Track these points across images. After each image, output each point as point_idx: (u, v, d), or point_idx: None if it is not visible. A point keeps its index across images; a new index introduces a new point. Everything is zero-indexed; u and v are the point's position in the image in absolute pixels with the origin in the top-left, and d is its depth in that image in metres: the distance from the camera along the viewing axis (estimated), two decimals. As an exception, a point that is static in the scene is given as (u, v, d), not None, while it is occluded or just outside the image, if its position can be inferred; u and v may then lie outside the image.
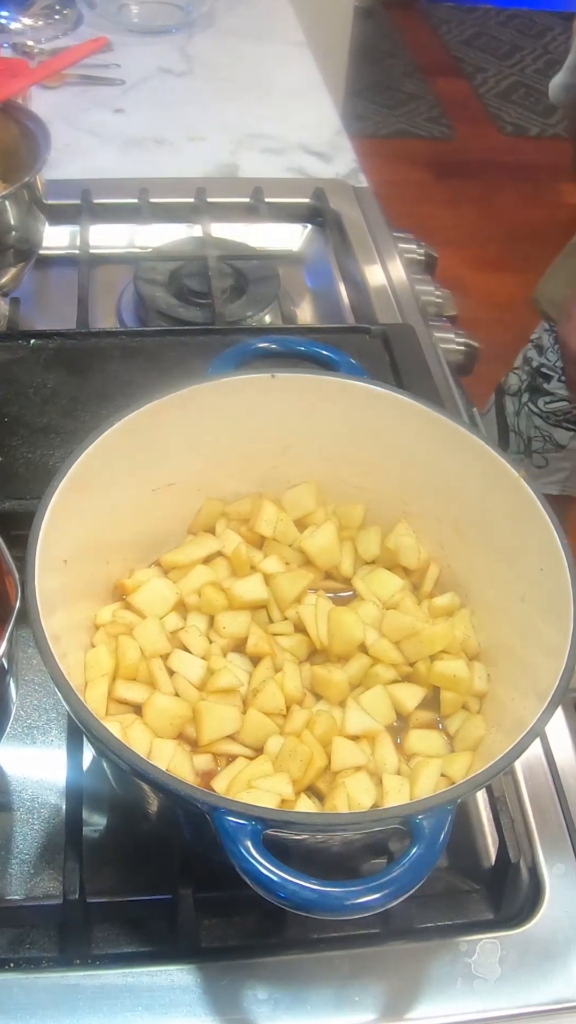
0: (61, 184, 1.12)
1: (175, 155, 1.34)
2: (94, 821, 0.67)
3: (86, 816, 0.65)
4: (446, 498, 0.71)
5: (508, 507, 0.66)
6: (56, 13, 1.52)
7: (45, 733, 0.72)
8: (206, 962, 0.61)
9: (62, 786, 0.66)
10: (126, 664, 0.64)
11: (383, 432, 0.71)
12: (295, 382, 0.71)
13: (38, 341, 0.94)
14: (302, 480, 0.74)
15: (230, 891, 0.62)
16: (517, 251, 2.84)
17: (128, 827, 0.68)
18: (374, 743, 0.64)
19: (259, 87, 1.48)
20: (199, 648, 0.66)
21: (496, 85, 3.92)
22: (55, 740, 0.71)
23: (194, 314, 1.05)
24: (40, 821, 0.67)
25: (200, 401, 0.69)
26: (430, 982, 0.61)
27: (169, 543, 0.73)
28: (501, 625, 0.67)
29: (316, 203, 1.21)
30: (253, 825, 0.49)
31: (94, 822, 0.67)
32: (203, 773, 0.62)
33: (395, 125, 3.70)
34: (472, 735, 0.65)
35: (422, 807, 0.51)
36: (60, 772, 0.67)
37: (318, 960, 0.61)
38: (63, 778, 0.66)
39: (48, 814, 0.68)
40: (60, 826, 0.64)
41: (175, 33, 1.57)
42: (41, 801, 0.68)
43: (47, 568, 0.58)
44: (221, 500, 0.74)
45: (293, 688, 0.64)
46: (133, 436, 0.66)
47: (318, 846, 0.55)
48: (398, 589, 0.70)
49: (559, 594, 0.60)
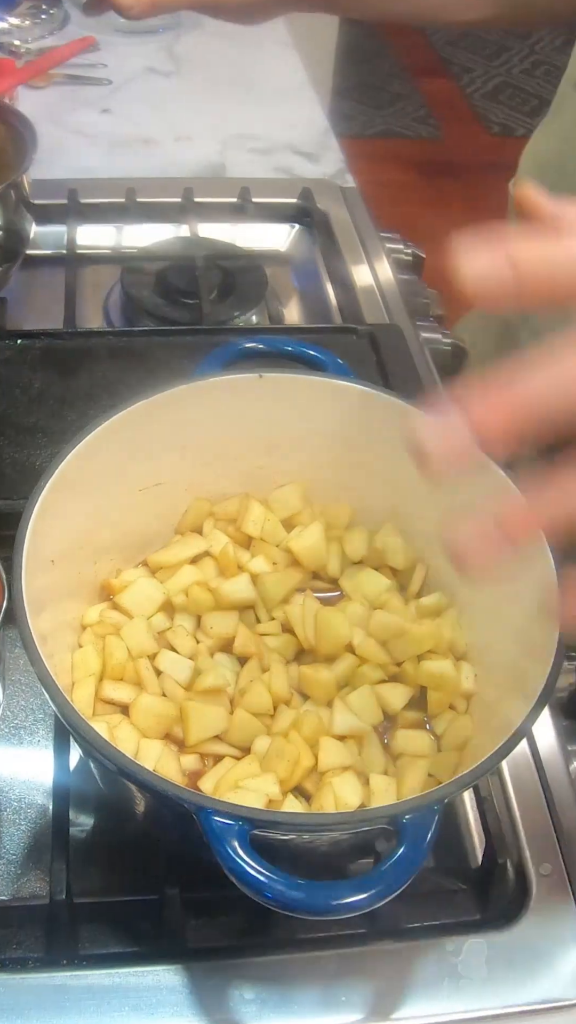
0: (48, 184, 1.12)
1: (162, 155, 1.33)
2: (81, 821, 0.67)
3: (73, 816, 0.65)
4: (433, 498, 0.71)
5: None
6: (43, 13, 1.52)
7: (32, 733, 0.72)
8: (193, 962, 0.61)
9: (49, 786, 0.66)
10: (113, 664, 0.64)
11: (370, 432, 0.71)
12: (282, 382, 0.71)
13: (25, 341, 0.94)
14: (289, 480, 0.74)
15: (217, 891, 0.61)
16: (504, 251, 2.85)
17: (115, 828, 0.68)
18: (361, 743, 0.64)
19: (246, 87, 1.48)
20: (186, 648, 0.66)
21: (483, 85, 3.93)
22: (42, 740, 0.71)
23: (181, 314, 1.05)
24: (27, 821, 0.67)
25: (187, 401, 0.69)
26: (416, 982, 0.61)
27: (156, 543, 0.73)
28: (488, 625, 0.67)
29: (303, 203, 1.21)
30: (240, 825, 0.49)
31: (81, 822, 0.67)
32: (190, 773, 0.62)
33: (382, 125, 3.71)
34: (459, 735, 0.65)
35: (408, 807, 0.51)
36: (47, 772, 0.67)
37: (305, 960, 0.61)
38: (50, 778, 0.66)
39: (35, 814, 0.67)
40: (47, 826, 0.64)
41: (162, 33, 1.56)
42: (28, 801, 0.68)
43: (34, 568, 0.58)
44: (208, 500, 0.74)
45: (280, 688, 0.64)
46: (120, 436, 0.66)
47: (305, 846, 0.55)
48: (385, 589, 0.70)
49: (546, 594, 0.60)
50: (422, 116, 3.76)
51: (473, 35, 4.26)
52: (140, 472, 0.70)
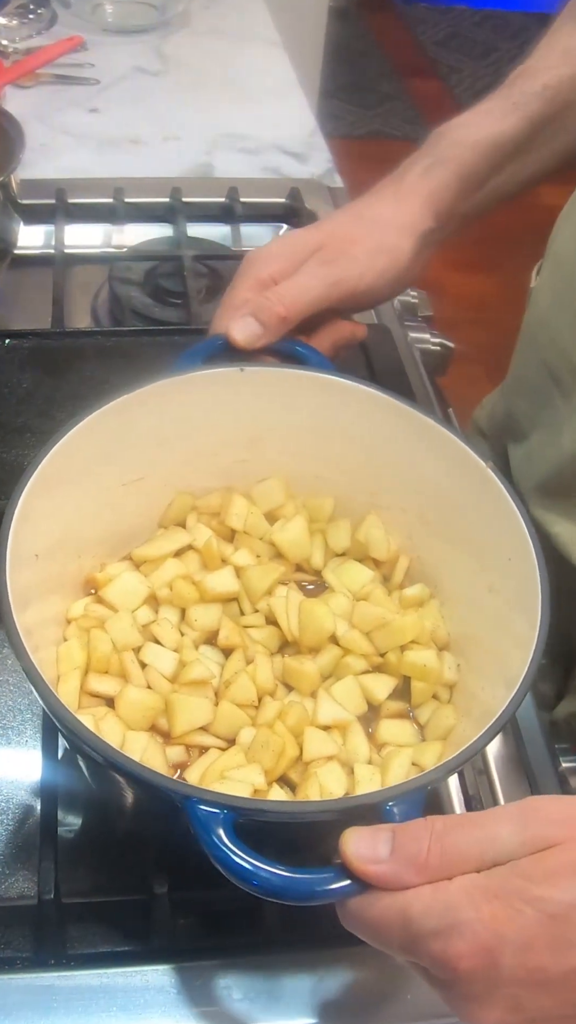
0: (36, 184, 1.12)
1: (150, 155, 1.34)
2: (69, 821, 0.67)
3: (61, 816, 0.65)
4: (415, 490, 0.71)
5: (476, 498, 0.66)
6: (30, 12, 1.52)
7: (20, 733, 0.72)
8: (181, 962, 0.61)
9: (37, 786, 0.67)
10: (98, 657, 0.64)
11: (352, 425, 0.72)
12: (263, 376, 0.71)
13: (13, 341, 0.94)
14: (271, 474, 0.75)
15: (206, 891, 0.62)
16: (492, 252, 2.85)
17: (103, 827, 0.68)
18: (345, 733, 0.64)
19: (234, 87, 1.48)
20: (171, 641, 0.67)
21: (471, 86, 3.93)
22: (29, 740, 0.71)
23: (169, 314, 1.05)
24: (15, 821, 0.67)
25: (168, 396, 0.69)
26: (406, 980, 0.61)
27: (140, 537, 0.73)
28: (470, 615, 0.68)
29: (291, 203, 1.21)
30: (225, 813, 0.49)
31: (69, 822, 0.67)
32: (176, 765, 0.63)
33: (370, 125, 3.71)
34: (442, 724, 0.65)
35: (394, 793, 0.52)
36: (35, 772, 0.67)
37: (293, 959, 0.62)
38: (38, 778, 0.66)
39: (23, 814, 0.67)
40: (35, 826, 0.64)
41: (150, 33, 1.57)
42: (16, 801, 0.68)
43: (18, 563, 0.59)
44: (191, 494, 0.74)
45: (265, 680, 0.65)
46: (102, 431, 0.67)
47: (290, 836, 0.55)
48: (368, 581, 0.71)
49: (527, 584, 0.61)
50: (410, 117, 3.76)
51: (462, 35, 4.27)
52: (123, 467, 0.70)
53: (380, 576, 0.73)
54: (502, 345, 1.52)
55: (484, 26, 4.34)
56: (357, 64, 3.96)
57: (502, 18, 4.36)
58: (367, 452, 0.72)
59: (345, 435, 0.72)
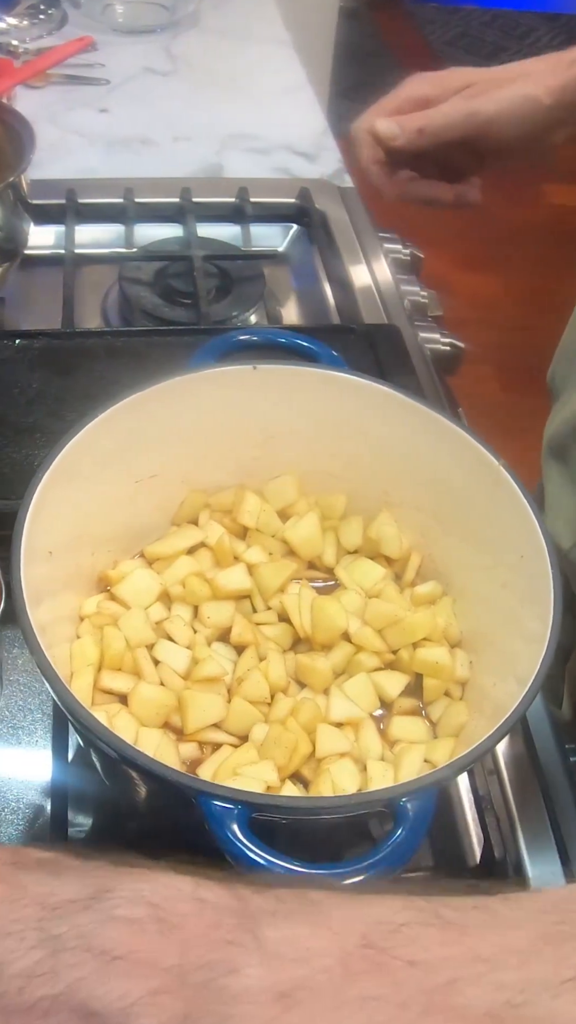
0: (46, 184, 1.13)
1: (160, 155, 1.34)
2: (79, 822, 0.67)
3: (71, 817, 0.65)
4: (427, 487, 0.71)
5: (489, 496, 0.66)
6: (41, 13, 1.52)
7: (30, 734, 0.72)
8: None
9: (47, 786, 0.67)
10: (111, 654, 0.65)
11: (364, 422, 0.72)
12: (276, 374, 0.71)
13: (23, 341, 0.94)
14: (284, 471, 0.75)
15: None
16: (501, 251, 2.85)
17: (114, 828, 0.68)
18: (358, 730, 0.64)
19: (244, 87, 1.48)
20: (183, 638, 0.67)
21: (481, 86, 3.93)
22: (40, 740, 0.71)
23: (179, 314, 1.05)
24: (25, 821, 0.67)
25: (181, 393, 0.69)
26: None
27: (153, 534, 0.73)
28: (483, 612, 0.68)
29: (301, 203, 1.22)
30: (240, 809, 0.49)
31: (79, 823, 0.67)
32: (189, 761, 0.63)
33: (381, 126, 3.70)
34: (454, 721, 0.65)
35: (406, 789, 0.52)
36: (45, 772, 0.67)
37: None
38: (48, 778, 0.66)
39: (33, 814, 0.68)
40: (45, 826, 0.65)
41: (160, 33, 1.57)
42: (26, 802, 0.68)
43: (32, 559, 0.59)
44: (204, 491, 0.75)
45: (277, 676, 0.65)
46: (115, 428, 0.67)
47: (303, 832, 0.55)
48: (380, 578, 0.71)
49: (539, 581, 0.61)
50: (420, 117, 3.76)
51: (471, 35, 4.27)
52: (136, 464, 0.71)
53: (392, 573, 0.73)
54: (511, 345, 1.51)
55: (493, 26, 4.33)
56: (367, 64, 3.95)
57: (511, 18, 4.35)
58: (380, 450, 0.72)
59: (358, 433, 0.72)
